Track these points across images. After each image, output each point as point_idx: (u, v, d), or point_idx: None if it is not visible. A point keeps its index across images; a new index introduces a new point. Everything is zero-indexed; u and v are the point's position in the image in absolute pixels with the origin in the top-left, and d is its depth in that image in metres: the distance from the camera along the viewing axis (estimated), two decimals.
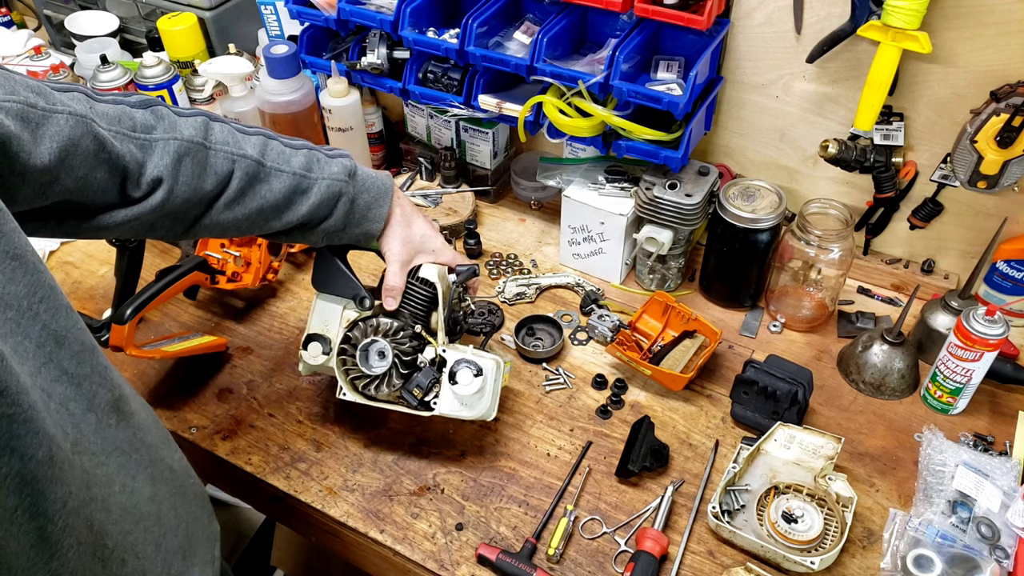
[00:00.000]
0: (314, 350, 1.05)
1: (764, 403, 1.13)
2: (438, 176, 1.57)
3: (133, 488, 0.71)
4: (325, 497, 1.08)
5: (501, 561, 0.98)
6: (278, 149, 0.93)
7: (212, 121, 0.89)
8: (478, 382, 1.00)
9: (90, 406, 0.66)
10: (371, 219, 1.00)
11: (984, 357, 1.08)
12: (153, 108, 0.84)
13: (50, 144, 0.70)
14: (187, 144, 0.84)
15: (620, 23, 1.26)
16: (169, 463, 0.80)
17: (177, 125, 0.85)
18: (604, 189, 1.33)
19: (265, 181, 0.91)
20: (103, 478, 0.67)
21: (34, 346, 0.61)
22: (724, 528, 0.99)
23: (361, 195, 0.99)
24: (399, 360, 1.02)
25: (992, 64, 1.09)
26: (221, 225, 0.91)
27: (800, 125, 1.29)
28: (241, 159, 0.89)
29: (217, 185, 0.88)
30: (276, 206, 0.93)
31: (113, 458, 0.69)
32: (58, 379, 0.63)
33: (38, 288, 0.61)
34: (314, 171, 0.95)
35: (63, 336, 0.64)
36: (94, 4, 1.76)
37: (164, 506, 0.76)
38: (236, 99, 1.52)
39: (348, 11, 1.33)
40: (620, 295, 1.38)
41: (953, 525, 0.98)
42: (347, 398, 1.05)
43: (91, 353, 0.67)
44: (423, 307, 1.05)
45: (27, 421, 0.55)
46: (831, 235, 1.21)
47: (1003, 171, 1.11)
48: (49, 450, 0.57)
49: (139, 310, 1.14)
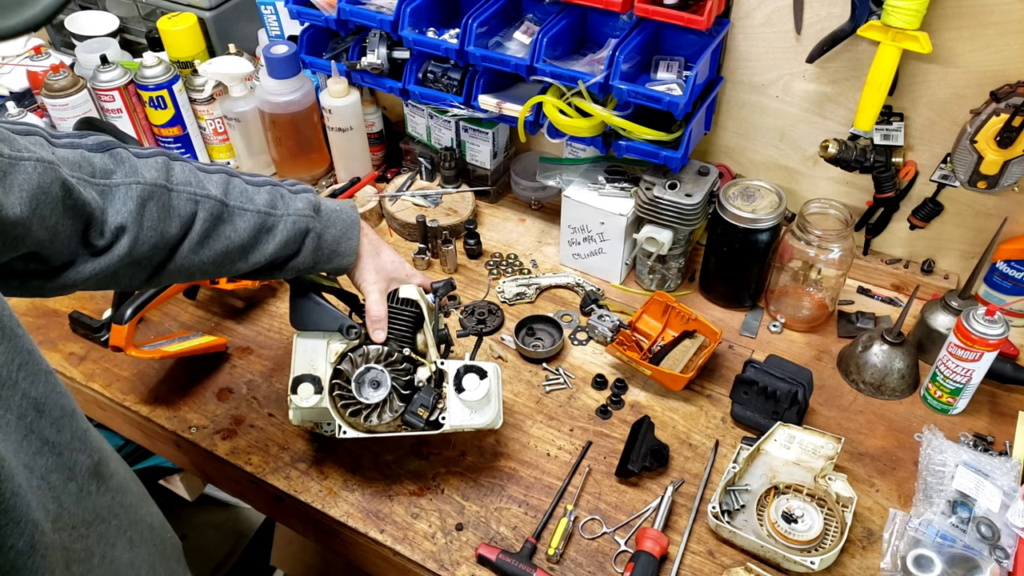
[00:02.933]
0: (305, 391, 0.98)
1: (764, 403, 1.13)
2: (438, 176, 1.57)
3: (112, 557, 0.69)
4: (325, 497, 1.08)
5: (501, 561, 0.98)
6: (240, 187, 0.90)
7: (172, 161, 0.85)
8: (485, 385, 0.98)
9: (71, 475, 0.64)
10: (341, 253, 0.98)
11: (984, 357, 1.08)
12: (111, 151, 0.80)
13: (19, 193, 0.66)
14: (150, 188, 0.80)
15: (620, 23, 1.26)
16: (149, 520, 0.78)
17: (138, 168, 0.80)
18: (604, 189, 1.33)
19: (229, 221, 0.87)
20: (82, 552, 0.65)
21: (15, 418, 0.58)
22: (724, 528, 0.99)
23: (328, 229, 0.96)
24: (397, 383, 0.99)
25: (992, 64, 1.09)
26: (187, 270, 0.87)
27: (800, 125, 1.29)
28: (204, 199, 0.85)
29: (181, 228, 0.84)
30: (242, 246, 0.89)
31: (93, 528, 0.67)
32: (39, 451, 0.60)
33: (16, 355, 0.59)
34: (279, 208, 0.91)
35: (43, 403, 0.61)
36: (94, 4, 1.76)
37: (143, 569, 0.74)
38: (236, 99, 1.52)
39: (348, 11, 1.33)
40: (620, 295, 1.38)
41: (953, 525, 0.98)
42: (348, 436, 0.99)
43: (71, 418, 0.65)
44: (409, 329, 1.03)
45: (9, 510, 0.53)
46: (831, 235, 1.21)
47: (1003, 171, 1.11)
48: (31, 538, 0.55)
49: (139, 310, 1.14)
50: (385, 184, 1.59)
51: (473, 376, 0.99)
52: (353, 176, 1.57)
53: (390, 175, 1.62)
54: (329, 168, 1.62)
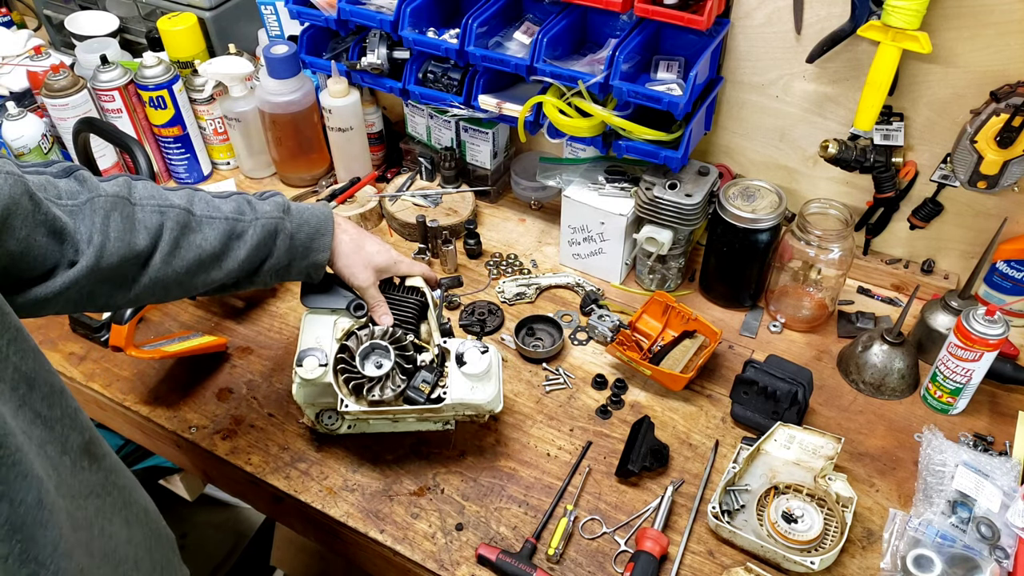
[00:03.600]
0: (310, 364, 1.00)
1: (764, 403, 1.13)
2: (438, 176, 1.57)
3: (111, 532, 0.70)
4: (325, 497, 1.08)
5: (501, 561, 0.98)
6: (206, 199, 0.91)
7: (134, 180, 0.87)
8: (487, 358, 1.00)
9: (64, 449, 0.65)
10: (316, 249, 0.99)
11: (984, 357, 1.08)
12: (75, 174, 0.82)
13: None
14: (112, 199, 0.81)
15: (620, 23, 1.26)
16: (143, 504, 0.79)
17: (99, 186, 0.83)
18: (604, 189, 1.33)
19: (198, 230, 0.89)
20: (83, 521, 0.66)
21: (8, 388, 0.60)
22: (724, 528, 0.99)
23: (301, 228, 0.97)
24: (401, 360, 1.02)
25: (992, 64, 1.09)
26: (163, 283, 0.87)
27: (800, 125, 1.29)
28: (169, 209, 0.86)
29: (150, 240, 0.84)
30: (214, 254, 0.90)
31: (90, 501, 0.68)
32: (33, 422, 0.62)
33: (5, 330, 0.60)
34: (247, 214, 0.93)
35: (33, 378, 0.62)
36: (94, 4, 1.76)
37: (140, 550, 0.75)
38: (236, 99, 1.52)
39: (348, 11, 1.33)
40: (620, 295, 1.38)
41: (953, 525, 0.98)
42: (351, 409, 1.00)
43: (60, 395, 0.66)
44: (413, 317, 1.07)
45: (15, 464, 0.54)
46: (831, 235, 1.21)
47: (1003, 171, 1.11)
48: (38, 493, 0.56)
49: (139, 310, 1.14)
50: (385, 184, 1.59)
51: (475, 351, 1.01)
52: (353, 176, 1.58)
53: (390, 175, 1.62)
54: (329, 168, 1.62)
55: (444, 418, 1.09)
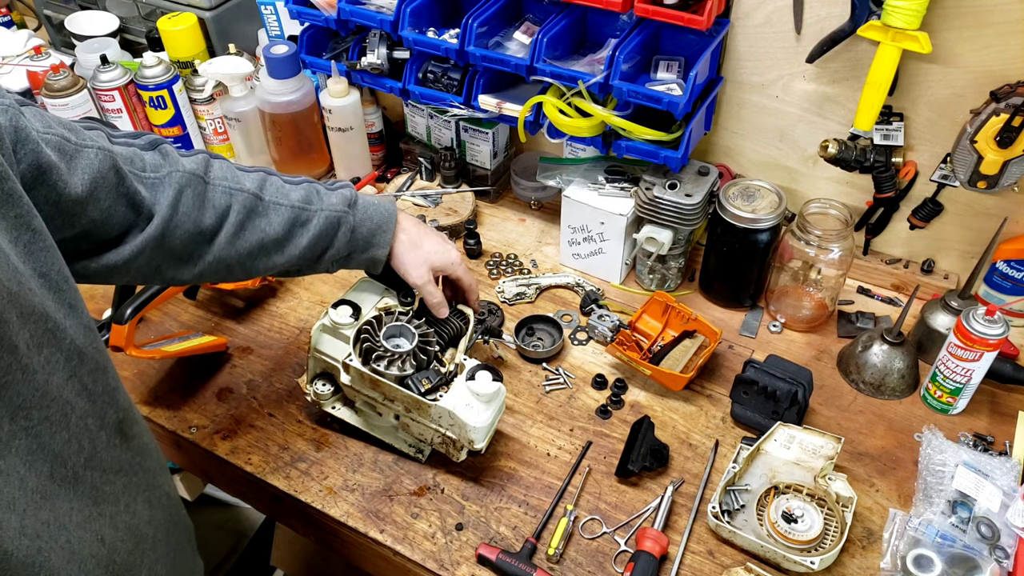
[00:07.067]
0: (343, 311, 1.04)
1: (764, 403, 1.13)
2: (438, 176, 1.57)
3: (135, 509, 0.73)
4: (325, 497, 1.08)
5: (501, 561, 0.98)
6: (277, 184, 0.95)
7: (212, 159, 0.92)
8: (496, 386, 1.00)
9: (102, 424, 0.69)
10: (376, 245, 1.02)
11: (984, 357, 1.08)
12: (159, 147, 0.87)
13: (82, 175, 0.74)
14: (188, 176, 0.86)
15: (620, 23, 1.26)
16: (166, 489, 0.82)
17: (179, 160, 0.87)
18: (604, 189, 1.33)
19: (264, 215, 0.93)
20: (110, 495, 0.69)
21: (64, 358, 0.64)
22: (724, 528, 0.99)
23: (363, 223, 1.00)
24: (418, 351, 1.03)
25: (992, 64, 1.09)
26: (226, 262, 0.92)
27: (800, 125, 1.29)
28: (238, 193, 0.91)
29: (216, 219, 0.89)
30: (277, 239, 0.94)
31: (119, 477, 0.71)
32: (80, 393, 0.65)
33: (62, 305, 0.65)
34: (313, 203, 0.96)
35: (84, 352, 0.66)
36: (94, 4, 1.76)
37: (160, 531, 0.78)
38: (236, 99, 1.52)
39: (348, 11, 1.33)
40: (620, 295, 1.38)
41: (953, 525, 0.98)
42: (353, 363, 1.02)
43: (103, 372, 0.70)
44: (449, 335, 1.10)
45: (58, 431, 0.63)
46: (831, 235, 1.21)
47: (1003, 171, 1.11)
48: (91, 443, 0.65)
49: (139, 310, 1.14)
50: (385, 184, 1.59)
51: (488, 375, 1.01)
52: (353, 176, 1.58)
53: (390, 175, 1.62)
54: (329, 168, 1.62)
55: (420, 436, 1.08)
